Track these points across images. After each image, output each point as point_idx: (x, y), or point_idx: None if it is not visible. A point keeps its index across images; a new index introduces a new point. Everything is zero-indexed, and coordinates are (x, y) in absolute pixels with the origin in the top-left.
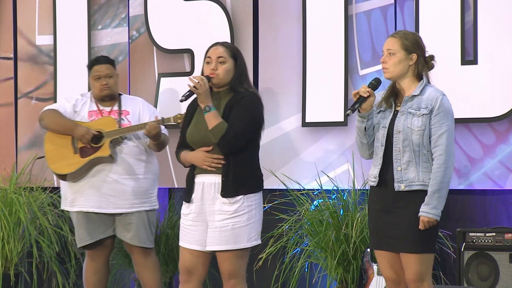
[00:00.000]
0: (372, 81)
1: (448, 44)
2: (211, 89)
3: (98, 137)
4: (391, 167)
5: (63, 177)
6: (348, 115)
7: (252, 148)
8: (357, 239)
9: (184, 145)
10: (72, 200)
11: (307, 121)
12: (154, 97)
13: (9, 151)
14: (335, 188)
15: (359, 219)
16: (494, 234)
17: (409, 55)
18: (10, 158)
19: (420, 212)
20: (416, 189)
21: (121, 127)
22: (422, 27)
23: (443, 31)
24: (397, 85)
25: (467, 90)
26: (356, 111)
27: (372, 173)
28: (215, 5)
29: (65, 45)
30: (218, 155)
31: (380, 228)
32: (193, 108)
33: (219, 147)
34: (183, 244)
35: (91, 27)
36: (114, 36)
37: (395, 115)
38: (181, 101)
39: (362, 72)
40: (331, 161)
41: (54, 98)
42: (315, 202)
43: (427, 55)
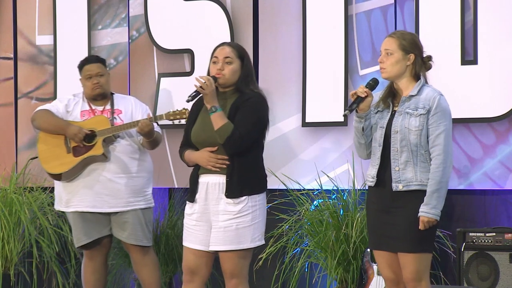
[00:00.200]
0: (370, 82)
1: (448, 44)
2: (217, 89)
3: (91, 136)
4: (389, 167)
5: (57, 176)
6: (345, 115)
7: (257, 149)
8: (357, 239)
9: (187, 144)
10: (67, 200)
11: (307, 121)
12: (154, 97)
13: (9, 151)
14: (335, 188)
15: (359, 219)
16: (494, 234)
17: (407, 55)
18: (10, 158)
19: (419, 212)
20: (414, 189)
21: (113, 125)
22: (422, 27)
23: (443, 31)
24: (394, 85)
25: (467, 90)
26: (354, 111)
27: (370, 173)
28: (215, 5)
29: (65, 45)
30: (223, 155)
31: (378, 228)
32: (198, 107)
33: (224, 148)
34: (186, 244)
35: (91, 27)
36: (114, 36)
37: (393, 115)
38: (188, 101)
39: (362, 72)
40: (331, 161)
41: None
42: (315, 202)
43: (424, 55)
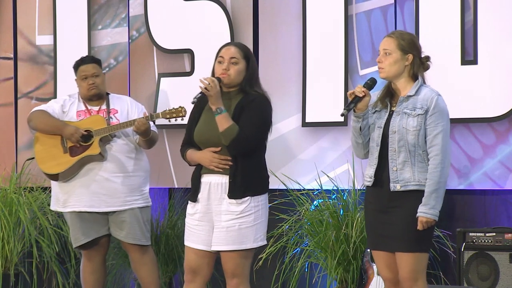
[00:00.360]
0: (368, 81)
1: (448, 44)
2: (221, 88)
3: (87, 136)
4: (386, 167)
5: (54, 177)
6: (343, 114)
7: (260, 150)
8: (357, 239)
9: (189, 143)
10: (65, 200)
11: (307, 121)
12: (154, 97)
13: (9, 151)
14: (335, 188)
15: (359, 219)
16: (494, 234)
17: (405, 55)
18: (10, 158)
19: (418, 212)
20: (412, 189)
21: (110, 125)
22: (422, 27)
23: (443, 31)
24: (392, 85)
25: (467, 90)
26: (352, 111)
27: (368, 173)
28: (215, 5)
29: (65, 45)
30: (226, 156)
31: (376, 228)
32: (201, 106)
33: (229, 149)
34: (188, 243)
35: (91, 27)
36: (114, 36)
37: (391, 115)
38: (193, 103)
39: (362, 72)
40: (331, 161)
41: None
42: (315, 202)
43: (423, 55)
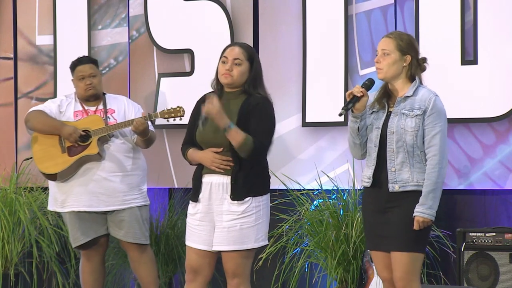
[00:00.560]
0: (366, 82)
1: (448, 44)
2: (223, 88)
3: (85, 135)
4: (385, 168)
5: (52, 177)
6: (341, 114)
7: None
8: (357, 239)
9: (190, 142)
10: (63, 201)
11: (307, 121)
12: (154, 97)
13: (9, 151)
14: (335, 188)
15: (359, 219)
16: (494, 234)
17: (404, 56)
18: (10, 158)
19: (415, 212)
20: (410, 190)
21: (107, 125)
22: (422, 27)
23: (443, 31)
24: (389, 86)
25: (467, 90)
26: (350, 111)
27: (366, 174)
28: (215, 5)
29: (65, 45)
30: (227, 156)
31: (374, 229)
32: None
33: (249, 159)
34: (189, 243)
35: (91, 27)
36: (114, 36)
37: (388, 116)
38: (202, 124)
39: (362, 72)
40: (331, 161)
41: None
42: (315, 202)
43: (420, 57)
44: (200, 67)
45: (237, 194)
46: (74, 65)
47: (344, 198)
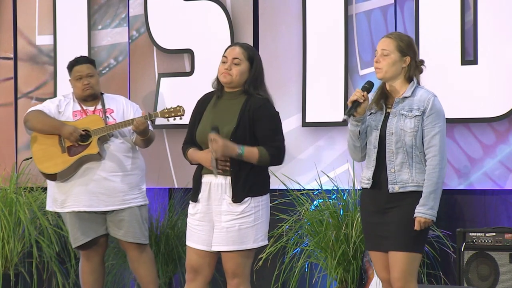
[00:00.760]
0: (365, 85)
1: (448, 44)
2: (224, 88)
3: (85, 135)
4: (384, 169)
5: (52, 176)
6: (345, 120)
7: None
8: (357, 239)
9: (191, 141)
10: (63, 201)
11: (307, 121)
12: (154, 97)
13: (9, 151)
14: (335, 188)
15: (359, 219)
16: (494, 234)
17: (403, 57)
18: (10, 158)
19: (416, 213)
20: (410, 190)
21: (107, 124)
22: (422, 27)
23: (443, 31)
24: (387, 87)
25: (467, 90)
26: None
27: (365, 175)
28: (215, 5)
29: (65, 45)
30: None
31: (373, 230)
32: (204, 105)
33: (271, 166)
34: (189, 243)
35: (91, 27)
36: (114, 36)
37: (387, 117)
38: (214, 169)
39: (362, 72)
40: (331, 161)
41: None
42: (315, 202)
43: (418, 59)
44: (200, 67)
45: (238, 196)
46: (71, 65)
47: (344, 198)
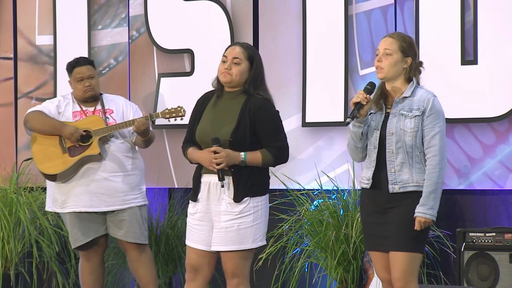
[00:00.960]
0: (367, 86)
1: (448, 44)
2: (224, 88)
3: (85, 136)
4: (384, 169)
5: (52, 177)
6: (348, 123)
7: None
8: (357, 239)
9: (191, 140)
10: (63, 201)
11: (307, 121)
12: (154, 97)
13: (9, 151)
14: (335, 188)
15: (359, 219)
16: (494, 234)
17: (405, 58)
18: (10, 158)
19: (416, 212)
20: (410, 190)
21: (107, 125)
22: (422, 27)
23: (443, 31)
24: (387, 87)
25: (467, 90)
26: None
27: (365, 176)
28: (215, 5)
29: (65, 45)
30: None
31: (373, 230)
32: (204, 104)
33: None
34: (189, 243)
35: (91, 27)
36: (114, 36)
37: (387, 117)
38: (220, 181)
39: (362, 72)
40: (331, 161)
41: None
42: (315, 202)
43: (418, 60)
44: (200, 67)
45: (238, 195)
46: (71, 67)
47: (344, 198)
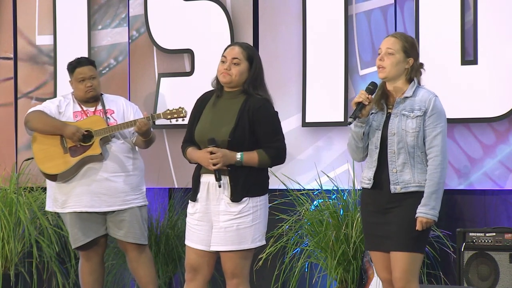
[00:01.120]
0: (369, 86)
1: (448, 44)
2: (223, 88)
3: (86, 136)
4: (385, 169)
5: (53, 177)
6: (350, 123)
7: None
8: (357, 239)
9: (190, 140)
10: (64, 201)
11: (307, 121)
12: (154, 97)
13: (9, 151)
14: (335, 188)
15: (359, 219)
16: (494, 234)
17: (407, 58)
18: (10, 158)
19: (417, 213)
20: (412, 191)
21: (108, 125)
22: (422, 27)
23: (443, 31)
24: (388, 87)
25: (467, 90)
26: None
27: (366, 176)
28: (215, 5)
29: (65, 45)
30: None
31: (374, 230)
32: (203, 104)
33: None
34: (188, 243)
35: (91, 27)
36: (114, 36)
37: (388, 117)
38: (217, 180)
39: (362, 72)
40: (331, 161)
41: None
42: (315, 202)
43: (419, 62)
44: (200, 67)
45: (236, 195)
46: (73, 67)
47: (344, 198)
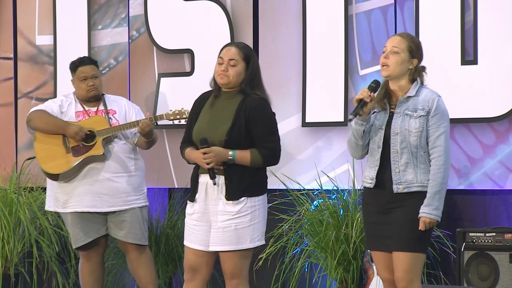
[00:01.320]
0: (372, 84)
1: (448, 44)
2: (221, 89)
3: (89, 136)
4: (388, 169)
5: (55, 177)
6: (350, 120)
7: None
8: (357, 239)
9: (189, 141)
10: (65, 201)
11: (307, 121)
12: (154, 97)
13: (9, 151)
14: (335, 188)
15: (359, 219)
16: (494, 234)
17: (412, 59)
18: (10, 158)
19: (420, 213)
20: (414, 190)
21: (111, 125)
22: (422, 27)
23: (443, 31)
24: (391, 86)
25: (467, 90)
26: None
27: (369, 175)
28: (215, 5)
29: (65, 45)
30: None
31: (375, 229)
32: (201, 104)
33: (267, 166)
34: (187, 243)
35: (91, 27)
36: (114, 36)
37: (391, 116)
38: (212, 178)
39: (362, 72)
40: (331, 161)
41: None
42: (315, 202)
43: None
44: (200, 67)
45: (231, 194)
46: (75, 66)
47: (344, 198)
